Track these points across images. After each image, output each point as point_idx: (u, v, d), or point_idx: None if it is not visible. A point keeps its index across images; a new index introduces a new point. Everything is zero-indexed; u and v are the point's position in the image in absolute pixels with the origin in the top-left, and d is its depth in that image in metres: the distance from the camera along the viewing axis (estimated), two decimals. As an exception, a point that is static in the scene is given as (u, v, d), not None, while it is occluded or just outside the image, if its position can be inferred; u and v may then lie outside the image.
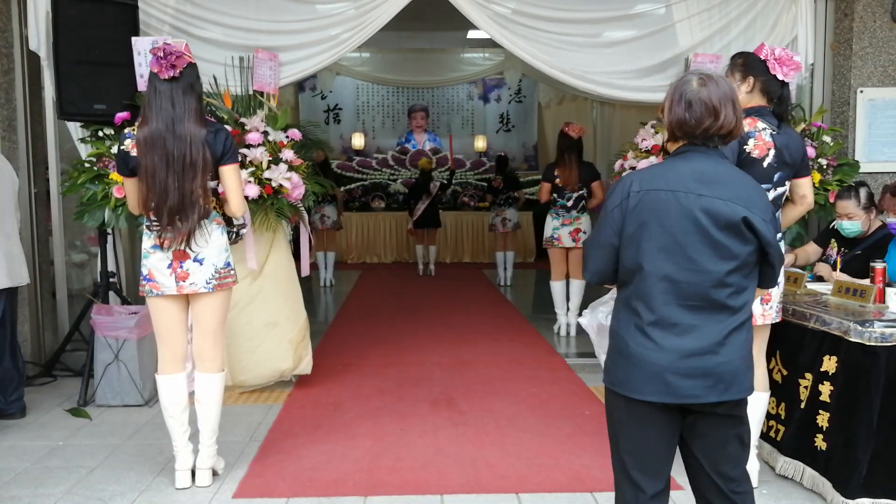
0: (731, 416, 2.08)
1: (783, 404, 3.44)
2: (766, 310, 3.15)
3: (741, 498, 2.12)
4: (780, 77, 3.10)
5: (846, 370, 3.00)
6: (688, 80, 2.06)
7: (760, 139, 3.08)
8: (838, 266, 4.03)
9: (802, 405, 3.26)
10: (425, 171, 10.16)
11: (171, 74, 3.06)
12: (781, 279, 3.22)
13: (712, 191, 1.99)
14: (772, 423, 3.51)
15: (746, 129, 3.10)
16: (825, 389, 3.12)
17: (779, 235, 3.19)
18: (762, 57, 3.12)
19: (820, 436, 3.13)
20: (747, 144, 3.08)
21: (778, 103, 3.14)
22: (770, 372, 3.48)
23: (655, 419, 2.06)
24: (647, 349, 2.01)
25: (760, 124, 3.10)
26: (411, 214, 9.99)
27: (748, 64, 3.18)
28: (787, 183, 3.17)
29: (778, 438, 3.45)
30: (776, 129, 3.11)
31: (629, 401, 2.05)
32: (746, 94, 3.18)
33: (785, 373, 3.42)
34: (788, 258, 4.24)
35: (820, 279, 4.10)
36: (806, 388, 3.26)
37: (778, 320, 3.23)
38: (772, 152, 3.09)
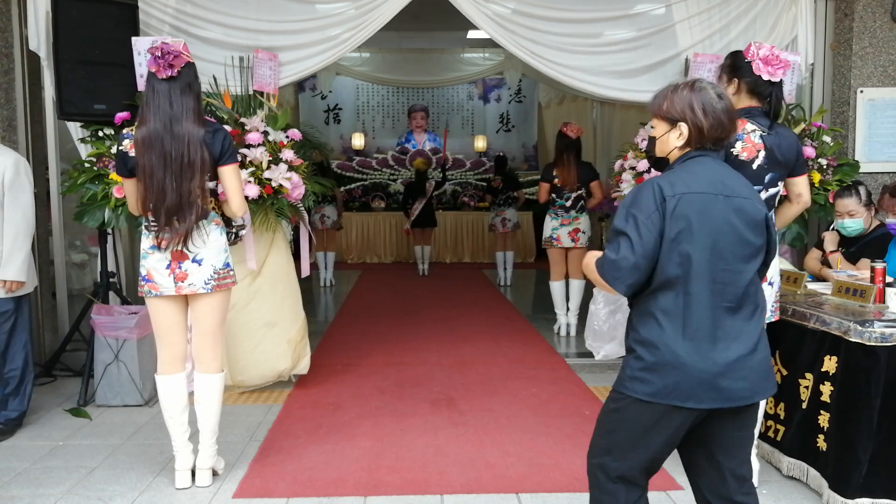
0: (753, 415, 2.14)
1: (782, 404, 3.44)
2: None
3: (752, 499, 2.16)
4: (765, 77, 3.08)
5: (846, 370, 3.00)
6: (705, 89, 2.12)
7: (749, 141, 3.08)
8: (839, 264, 4.03)
9: (804, 405, 3.26)
10: (421, 171, 10.20)
11: (169, 74, 3.06)
12: (777, 278, 3.22)
13: (735, 192, 2.06)
14: (770, 422, 3.51)
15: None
16: (825, 390, 3.12)
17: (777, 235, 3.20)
18: (748, 58, 3.11)
19: (821, 436, 3.13)
20: (734, 147, 3.08)
21: (769, 103, 3.12)
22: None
23: (685, 424, 2.07)
24: (698, 356, 2.00)
25: (749, 126, 3.10)
26: (408, 215, 10.02)
27: (734, 65, 3.18)
28: (779, 183, 3.16)
29: (778, 438, 3.45)
30: (766, 130, 3.10)
31: (671, 409, 2.03)
32: (734, 95, 3.18)
33: (785, 373, 3.43)
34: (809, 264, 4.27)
35: (822, 279, 4.11)
36: (807, 388, 3.26)
37: (774, 319, 3.23)
38: (761, 153, 3.09)
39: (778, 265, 3.24)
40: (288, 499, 3.20)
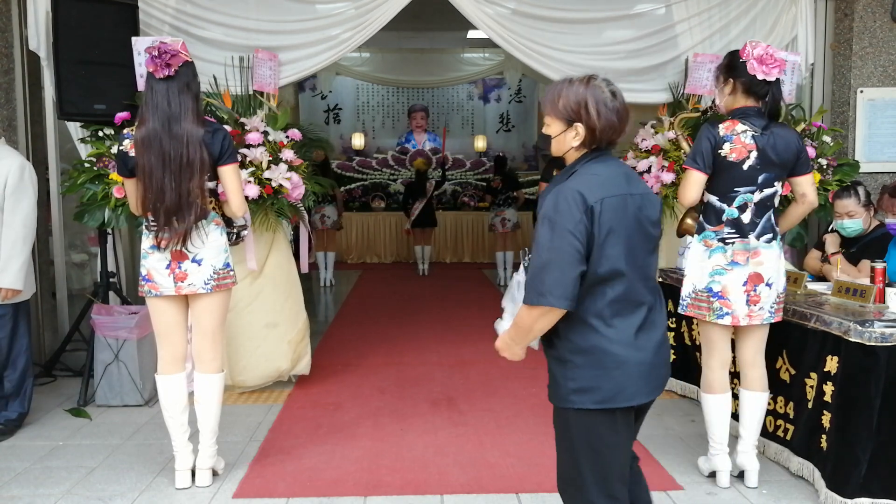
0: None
1: (791, 403, 3.44)
2: (753, 310, 3.15)
3: (639, 475, 2.27)
4: (760, 77, 3.07)
5: (846, 370, 3.00)
6: (600, 87, 2.05)
7: (738, 142, 3.08)
8: (839, 265, 4.03)
9: (809, 405, 3.26)
10: (421, 171, 10.20)
11: (167, 73, 3.05)
12: (781, 280, 3.22)
13: (636, 189, 2.07)
14: (780, 421, 3.51)
15: (723, 132, 3.10)
16: (828, 389, 3.12)
17: (768, 236, 3.19)
18: (742, 57, 3.10)
19: (824, 436, 3.13)
20: (722, 149, 3.08)
21: (766, 102, 3.11)
22: (778, 371, 3.48)
23: (631, 421, 2.10)
24: (635, 351, 2.03)
25: (740, 127, 3.10)
26: (408, 215, 10.03)
27: (729, 65, 3.17)
28: (776, 184, 3.15)
29: (788, 437, 3.45)
30: (760, 130, 3.09)
31: (622, 412, 2.04)
32: (729, 95, 3.18)
33: (793, 372, 3.42)
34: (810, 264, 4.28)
35: (821, 279, 4.11)
36: (811, 387, 3.26)
37: (774, 320, 3.23)
38: (753, 154, 3.08)
39: (783, 268, 3.24)
40: (288, 499, 3.20)
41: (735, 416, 3.51)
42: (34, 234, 3.97)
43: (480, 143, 13.61)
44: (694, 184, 3.13)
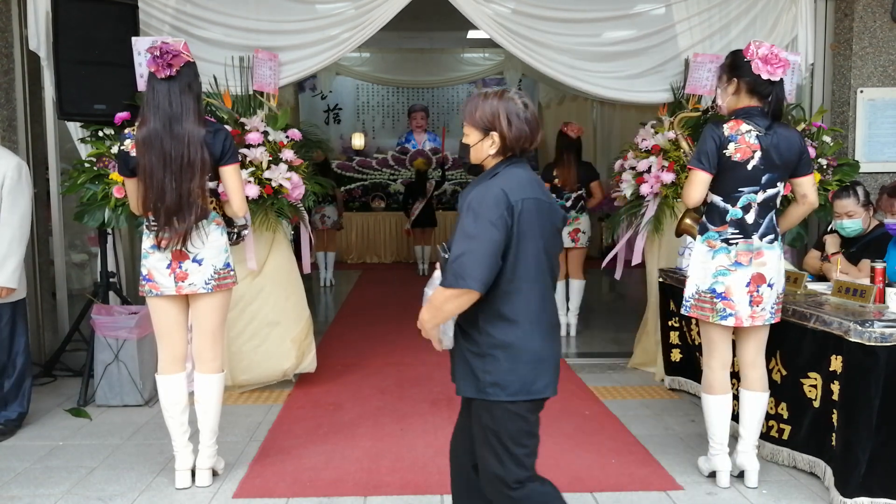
0: None
1: (783, 404, 3.44)
2: (756, 311, 3.15)
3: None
4: (765, 76, 3.06)
5: (846, 370, 3.00)
6: (513, 100, 2.22)
7: (743, 142, 3.07)
8: (839, 266, 4.03)
9: (816, 404, 3.25)
10: (421, 171, 10.21)
11: (168, 73, 3.05)
12: (781, 280, 3.22)
13: (547, 195, 2.24)
14: (772, 422, 3.51)
15: (728, 132, 3.10)
16: (836, 389, 3.11)
17: (771, 236, 3.19)
18: (747, 57, 3.10)
19: (834, 434, 3.13)
20: (727, 149, 3.07)
21: (769, 102, 3.11)
22: (770, 372, 3.48)
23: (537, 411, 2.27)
24: (549, 346, 2.21)
25: (744, 126, 3.09)
26: (408, 215, 10.04)
27: (733, 65, 3.16)
28: (778, 185, 3.15)
29: (784, 437, 3.45)
30: (764, 131, 3.09)
31: (535, 403, 2.21)
32: (733, 95, 3.17)
33: (784, 373, 3.43)
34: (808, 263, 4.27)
35: (821, 278, 4.11)
36: (813, 387, 3.25)
37: (774, 321, 3.23)
38: (757, 154, 3.08)
39: (783, 268, 3.24)
40: (288, 499, 3.20)
41: (735, 416, 3.51)
42: (28, 234, 3.98)
43: (480, 143, 13.60)
44: (699, 184, 3.12)
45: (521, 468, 2.22)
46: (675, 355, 4.58)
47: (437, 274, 2.25)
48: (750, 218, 3.12)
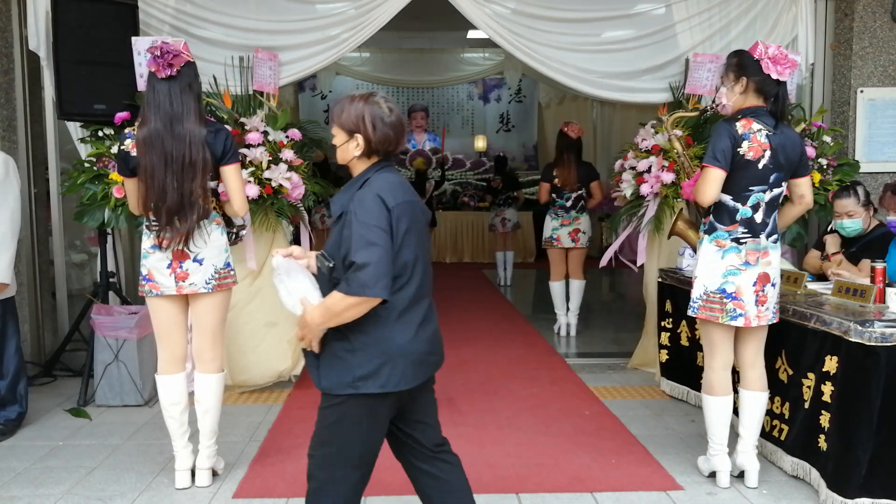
0: (432, 380, 2.47)
1: (787, 404, 3.44)
2: (761, 311, 3.15)
3: (451, 457, 2.54)
4: (774, 76, 3.06)
5: (846, 370, 3.00)
6: (378, 104, 2.28)
7: (755, 141, 3.07)
8: (839, 267, 4.03)
9: (806, 405, 3.26)
10: (421, 171, 10.22)
11: (168, 73, 3.05)
12: (779, 280, 3.21)
13: (416, 198, 2.33)
14: (776, 422, 3.51)
15: (741, 130, 3.09)
16: (826, 390, 3.12)
17: (775, 236, 3.19)
18: (756, 56, 3.09)
19: (822, 436, 3.13)
20: (741, 147, 3.06)
21: (774, 102, 3.11)
22: (776, 371, 3.48)
23: (397, 404, 2.33)
24: (416, 342, 2.26)
25: (755, 125, 3.08)
26: None
27: (741, 64, 3.14)
28: (783, 184, 3.15)
29: (782, 438, 3.45)
30: (772, 130, 3.09)
31: (391, 395, 2.26)
32: (740, 94, 3.16)
33: (790, 372, 3.42)
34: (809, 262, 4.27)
35: (821, 278, 4.11)
36: (809, 387, 3.26)
37: (775, 321, 3.23)
38: (767, 153, 3.08)
39: (778, 268, 3.23)
40: (288, 499, 3.20)
41: (735, 415, 3.51)
42: (19, 229, 3.95)
43: (480, 143, 13.62)
44: (714, 181, 3.08)
45: (342, 469, 2.31)
46: (663, 356, 4.58)
47: (289, 268, 2.29)
48: (759, 217, 3.12)
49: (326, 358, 2.29)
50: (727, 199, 3.14)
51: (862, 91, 5.27)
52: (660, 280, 4.65)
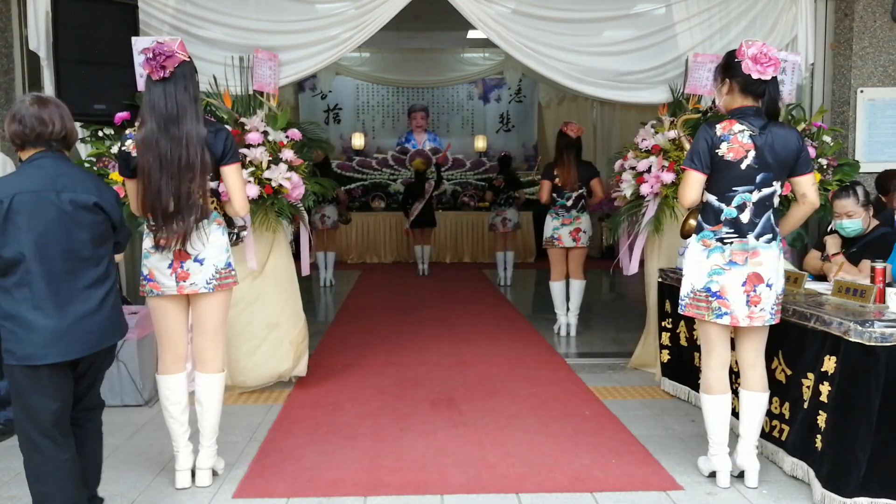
0: (110, 355, 2.87)
1: (787, 404, 3.44)
2: (754, 311, 3.15)
3: (93, 423, 3.00)
4: (755, 76, 3.07)
5: (846, 370, 3.00)
6: (24, 102, 2.61)
7: (735, 141, 3.08)
8: (840, 267, 4.03)
9: (805, 405, 3.26)
10: (420, 171, 10.22)
11: (161, 75, 3.03)
12: (780, 281, 3.21)
13: (71, 185, 2.58)
14: (775, 422, 3.51)
15: (720, 132, 3.11)
16: (824, 390, 3.12)
17: (768, 236, 3.19)
18: (738, 58, 3.11)
19: (819, 436, 3.13)
20: (720, 148, 3.09)
21: (763, 101, 3.11)
22: (773, 372, 3.48)
23: (52, 377, 2.57)
24: (48, 320, 2.51)
25: (737, 126, 3.10)
26: (407, 215, 10.06)
27: (725, 65, 3.18)
28: (774, 184, 3.15)
29: (782, 438, 3.45)
30: (758, 130, 3.09)
31: (35, 368, 2.52)
32: (727, 95, 3.18)
33: (789, 373, 3.42)
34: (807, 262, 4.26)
35: (821, 278, 4.11)
36: (808, 388, 3.26)
37: (774, 322, 3.23)
38: (751, 154, 3.09)
39: (783, 269, 3.24)
40: (288, 499, 3.20)
41: (735, 415, 3.51)
42: None
43: (480, 143, 13.62)
44: (693, 184, 3.15)
45: (34, 425, 2.60)
46: (664, 356, 4.59)
47: None
48: (745, 217, 3.13)
49: None
50: (712, 199, 3.17)
51: (862, 91, 5.27)
52: (660, 280, 4.66)
